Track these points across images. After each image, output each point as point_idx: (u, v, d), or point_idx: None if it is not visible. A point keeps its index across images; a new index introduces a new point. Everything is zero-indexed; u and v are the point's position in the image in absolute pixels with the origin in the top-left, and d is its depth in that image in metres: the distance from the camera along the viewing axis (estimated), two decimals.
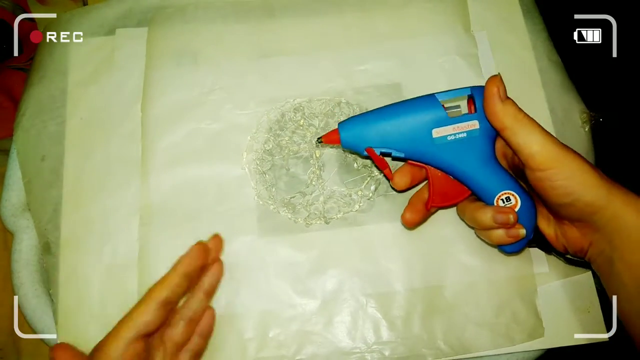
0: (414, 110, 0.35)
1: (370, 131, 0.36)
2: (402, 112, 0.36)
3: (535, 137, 0.32)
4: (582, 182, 0.32)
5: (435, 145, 0.35)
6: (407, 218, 0.38)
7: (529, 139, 0.32)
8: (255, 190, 0.42)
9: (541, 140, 0.32)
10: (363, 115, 0.37)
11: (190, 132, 0.43)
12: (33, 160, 0.43)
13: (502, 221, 0.34)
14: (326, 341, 0.38)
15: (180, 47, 0.46)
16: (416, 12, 0.47)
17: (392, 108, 0.36)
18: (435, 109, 0.35)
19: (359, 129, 0.36)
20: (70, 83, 0.45)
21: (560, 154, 0.32)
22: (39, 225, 0.41)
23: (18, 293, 0.40)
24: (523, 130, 0.32)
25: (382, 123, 0.36)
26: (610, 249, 0.32)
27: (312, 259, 0.40)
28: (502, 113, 0.33)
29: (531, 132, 0.32)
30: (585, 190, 0.32)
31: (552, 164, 0.32)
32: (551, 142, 0.32)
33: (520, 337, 0.38)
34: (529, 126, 0.33)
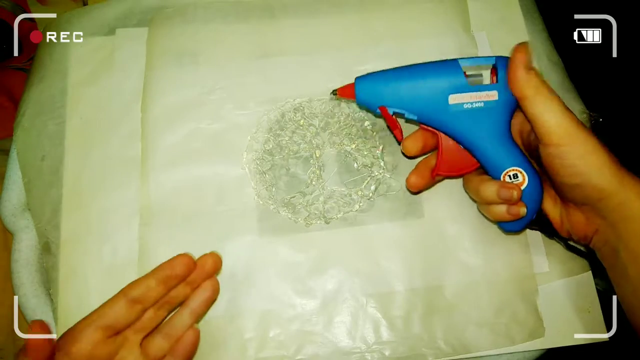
0: (433, 73, 0.34)
1: (386, 89, 0.35)
2: (421, 73, 0.35)
3: (554, 111, 0.32)
4: (593, 164, 0.31)
5: (450, 111, 0.34)
6: (411, 182, 0.37)
7: (546, 112, 0.32)
8: (255, 190, 0.42)
9: (559, 115, 0.31)
10: (381, 73, 0.36)
11: (190, 132, 0.43)
12: (33, 160, 0.43)
13: (505, 197, 0.34)
14: (326, 341, 0.38)
15: (180, 47, 0.46)
16: (416, 12, 0.47)
17: (412, 69, 0.35)
18: (455, 75, 0.34)
19: (374, 86, 0.36)
20: (70, 83, 0.45)
21: (576, 132, 0.31)
22: (39, 225, 0.41)
23: (18, 293, 0.40)
24: (543, 102, 0.32)
25: (399, 82, 0.35)
26: (616, 238, 0.32)
27: (312, 259, 0.40)
28: (525, 82, 0.32)
29: (550, 106, 0.32)
30: (595, 173, 0.31)
31: (565, 140, 0.31)
32: (569, 119, 0.31)
33: (520, 337, 0.38)
34: (549, 99, 0.32)
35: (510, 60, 0.33)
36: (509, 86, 0.33)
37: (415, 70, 0.35)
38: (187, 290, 0.36)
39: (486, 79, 0.35)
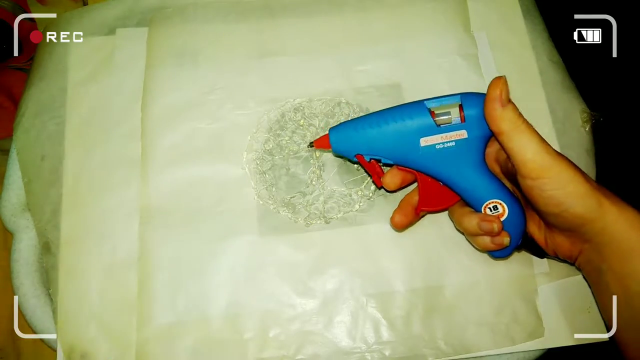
0: (401, 119, 0.35)
1: (359, 138, 0.36)
2: (390, 119, 0.35)
3: (530, 144, 0.32)
4: (572, 193, 0.31)
5: (423, 153, 0.35)
6: (396, 220, 0.38)
7: (523, 146, 0.32)
8: (255, 190, 0.42)
9: (535, 149, 0.32)
10: (353, 122, 0.37)
11: (190, 132, 0.43)
12: (33, 160, 0.43)
13: (486, 229, 0.34)
14: (326, 341, 0.38)
15: (180, 46, 0.46)
16: (416, 12, 0.47)
17: (380, 115, 0.36)
18: (422, 118, 0.35)
19: (348, 136, 0.36)
20: (70, 83, 0.45)
21: (553, 163, 0.32)
22: (39, 225, 0.41)
23: (18, 293, 0.40)
24: (519, 136, 0.32)
25: (369, 130, 0.36)
26: (600, 259, 0.32)
27: (312, 259, 0.40)
28: (501, 118, 0.33)
29: (527, 140, 0.32)
30: (574, 202, 0.31)
31: (543, 173, 0.32)
32: (545, 152, 0.32)
33: (520, 337, 0.38)
34: (526, 133, 0.32)
35: (486, 97, 0.33)
36: (485, 121, 0.34)
37: (384, 116, 0.36)
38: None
39: (454, 115, 0.35)
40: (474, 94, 0.35)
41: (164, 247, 0.40)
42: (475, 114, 0.34)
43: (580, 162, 0.43)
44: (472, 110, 0.34)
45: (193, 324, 0.38)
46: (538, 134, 0.33)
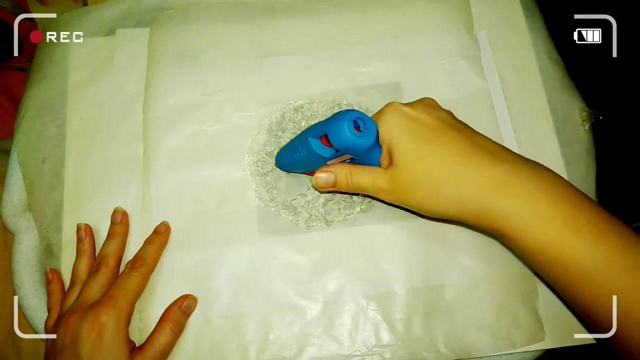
0: (303, 154, 0.37)
1: (289, 163, 0.39)
2: (298, 154, 0.37)
3: (367, 178, 0.35)
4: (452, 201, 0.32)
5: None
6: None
7: (365, 181, 0.35)
8: (256, 192, 0.42)
9: (376, 178, 0.34)
10: (281, 150, 0.40)
11: (192, 134, 0.43)
12: (34, 163, 0.43)
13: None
14: (327, 344, 0.38)
15: (181, 48, 0.46)
16: (418, 13, 0.47)
17: (292, 148, 0.38)
18: (314, 154, 0.36)
19: (281, 160, 0.40)
20: (70, 84, 0.45)
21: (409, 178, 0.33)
22: (41, 227, 0.41)
23: (18, 293, 0.40)
24: (357, 177, 0.35)
25: (292, 159, 0.38)
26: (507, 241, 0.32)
27: (313, 261, 0.40)
28: (338, 184, 0.36)
29: (364, 175, 0.35)
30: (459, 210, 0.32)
31: (402, 191, 0.34)
32: (388, 176, 0.34)
33: (520, 341, 0.38)
34: (360, 172, 0.35)
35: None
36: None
37: (294, 152, 0.38)
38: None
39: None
40: (333, 120, 0.33)
41: (166, 249, 0.40)
42: (340, 144, 0.33)
43: (580, 161, 0.43)
44: (335, 141, 0.33)
45: (194, 326, 0.38)
46: (368, 168, 0.35)
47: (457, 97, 0.44)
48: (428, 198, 0.33)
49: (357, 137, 0.32)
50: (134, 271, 0.37)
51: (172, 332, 0.36)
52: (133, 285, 0.37)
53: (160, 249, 0.39)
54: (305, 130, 0.37)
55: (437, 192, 0.32)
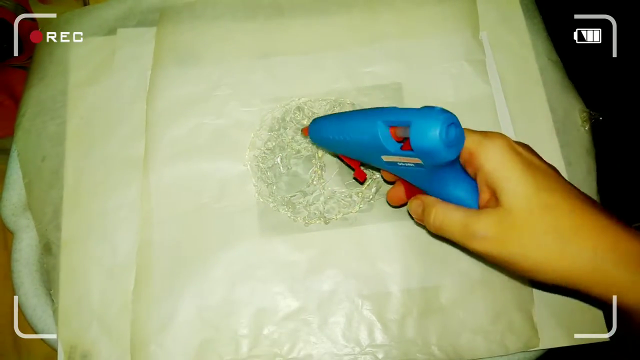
0: (359, 134, 0.32)
1: (330, 140, 0.35)
2: (350, 132, 0.33)
3: (459, 217, 0.30)
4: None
5: (388, 166, 0.33)
6: (390, 196, 0.38)
7: (455, 221, 0.30)
8: (256, 187, 0.42)
9: (471, 220, 0.30)
10: (327, 121, 0.36)
11: (194, 127, 0.43)
12: (33, 161, 0.43)
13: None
14: (320, 342, 0.38)
15: (188, 42, 0.46)
16: (425, 15, 0.47)
17: (342, 123, 0.34)
18: (377, 139, 0.31)
19: (321, 135, 0.36)
20: (70, 83, 0.45)
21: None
22: (40, 226, 0.41)
23: (18, 292, 0.40)
24: (443, 214, 0.31)
25: (335, 136, 0.34)
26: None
27: (309, 259, 0.40)
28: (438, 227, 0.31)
29: (454, 213, 0.31)
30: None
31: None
32: (493, 219, 0.29)
33: (515, 346, 0.38)
34: (448, 208, 0.31)
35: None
36: (436, 155, 0.28)
37: (345, 127, 0.33)
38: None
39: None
40: (425, 116, 0.28)
41: (164, 245, 0.40)
42: (422, 146, 0.28)
43: (580, 162, 0.43)
44: (418, 140, 0.28)
45: (187, 319, 0.38)
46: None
47: (459, 100, 0.44)
48: (549, 255, 0.28)
49: (448, 146, 0.27)
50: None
51: None
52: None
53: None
54: (373, 111, 0.32)
55: (563, 250, 0.27)
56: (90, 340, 0.38)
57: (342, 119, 0.34)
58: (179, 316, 0.38)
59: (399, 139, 0.30)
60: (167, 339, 0.38)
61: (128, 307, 0.39)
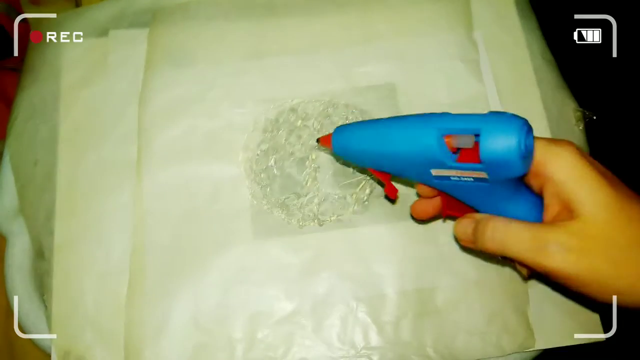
0: (408, 143, 0.29)
1: (362, 151, 0.32)
2: (397, 140, 0.29)
3: (524, 231, 0.27)
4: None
5: (437, 181, 0.29)
6: (417, 211, 0.35)
7: (521, 235, 0.27)
8: (249, 189, 0.41)
9: (541, 233, 0.26)
10: (360, 128, 0.32)
11: (187, 129, 0.43)
12: (26, 165, 0.43)
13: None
14: (315, 344, 0.38)
15: (181, 43, 0.45)
16: (420, 14, 0.46)
17: (387, 130, 0.30)
18: (431, 149, 0.27)
19: (352, 145, 0.32)
20: (62, 86, 0.45)
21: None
22: (33, 230, 0.41)
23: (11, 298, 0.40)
24: (505, 229, 0.27)
25: (374, 146, 0.31)
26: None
27: (304, 261, 0.39)
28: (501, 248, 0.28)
29: (517, 228, 0.27)
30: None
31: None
32: (569, 230, 0.26)
33: (510, 347, 0.37)
34: (509, 223, 0.27)
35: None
36: (511, 167, 0.25)
37: (391, 135, 0.30)
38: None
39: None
40: (498, 123, 0.25)
41: (157, 243, 0.40)
42: (496, 158, 0.25)
43: None
44: (491, 151, 0.24)
45: (183, 324, 0.38)
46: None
47: (453, 100, 0.43)
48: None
49: (524, 158, 0.24)
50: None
51: None
52: None
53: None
54: (422, 117, 0.29)
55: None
56: (84, 345, 0.38)
57: (380, 126, 0.30)
58: (173, 320, 0.38)
59: (454, 149, 0.27)
60: (161, 343, 0.37)
61: (122, 311, 0.39)
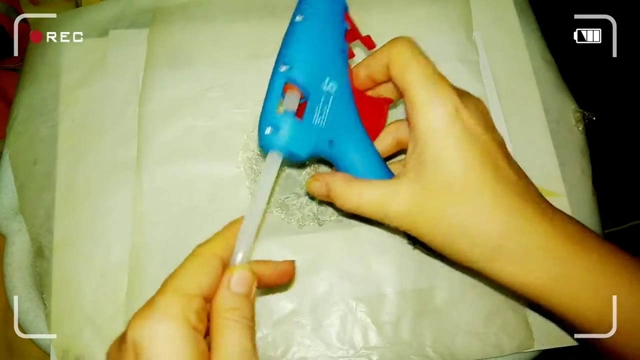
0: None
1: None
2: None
3: (373, 188, 0.29)
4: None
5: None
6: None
7: (370, 193, 0.29)
8: (249, 189, 0.41)
9: (388, 187, 0.29)
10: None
11: (187, 129, 0.43)
12: (25, 164, 0.43)
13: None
14: (314, 344, 0.38)
15: (181, 43, 0.45)
16: (419, 15, 0.46)
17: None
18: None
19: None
20: (62, 86, 0.45)
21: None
22: (32, 229, 0.41)
23: (10, 297, 0.40)
24: (356, 188, 0.29)
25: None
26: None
27: (303, 261, 0.39)
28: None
29: (367, 186, 0.29)
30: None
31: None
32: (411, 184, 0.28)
33: (509, 347, 0.37)
34: (359, 182, 0.30)
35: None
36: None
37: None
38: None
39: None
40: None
41: (156, 243, 0.40)
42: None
43: (574, 162, 0.43)
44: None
45: None
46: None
47: None
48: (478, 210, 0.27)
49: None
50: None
51: (235, 323, 0.24)
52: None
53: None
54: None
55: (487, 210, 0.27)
56: (84, 344, 0.38)
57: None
58: None
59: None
60: None
61: (121, 310, 0.39)
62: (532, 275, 0.27)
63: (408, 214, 0.28)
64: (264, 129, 0.28)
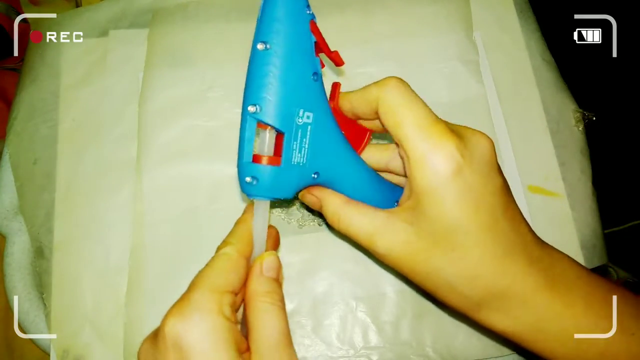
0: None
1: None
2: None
3: (364, 217, 0.29)
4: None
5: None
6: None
7: (360, 222, 0.29)
8: None
9: (378, 219, 0.28)
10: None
11: (187, 129, 0.43)
12: (25, 164, 0.43)
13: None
14: (314, 344, 0.38)
15: (181, 43, 0.45)
16: (419, 15, 0.46)
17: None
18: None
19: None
20: (62, 85, 0.45)
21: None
22: (32, 229, 0.41)
23: (10, 297, 0.40)
24: (349, 214, 0.29)
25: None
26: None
27: (304, 261, 0.40)
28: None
29: (360, 213, 0.29)
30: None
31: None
32: (408, 217, 0.27)
33: (510, 347, 0.37)
34: (354, 208, 0.29)
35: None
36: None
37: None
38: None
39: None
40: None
41: (156, 243, 0.40)
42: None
43: (574, 162, 0.43)
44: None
45: None
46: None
47: (452, 101, 0.43)
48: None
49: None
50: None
51: (272, 306, 0.27)
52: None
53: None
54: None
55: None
56: (83, 344, 0.38)
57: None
58: None
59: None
60: None
61: (121, 310, 0.39)
62: (516, 322, 0.28)
63: (396, 254, 0.28)
64: (243, 178, 0.27)
